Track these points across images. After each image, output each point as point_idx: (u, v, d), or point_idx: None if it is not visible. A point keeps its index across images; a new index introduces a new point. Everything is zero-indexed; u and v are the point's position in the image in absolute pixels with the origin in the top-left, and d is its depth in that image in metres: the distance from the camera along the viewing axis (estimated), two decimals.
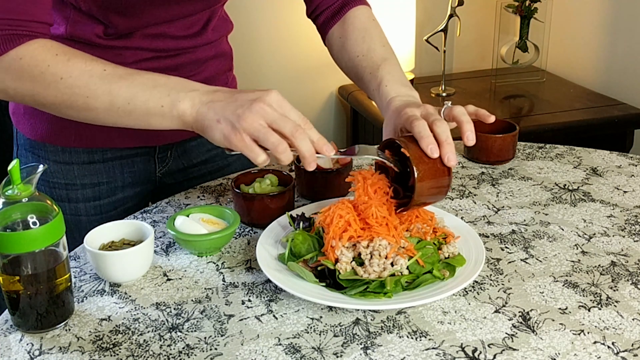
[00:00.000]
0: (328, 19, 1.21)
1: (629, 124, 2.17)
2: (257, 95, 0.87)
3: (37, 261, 0.82)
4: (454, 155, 0.92)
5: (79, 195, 1.21)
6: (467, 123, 0.97)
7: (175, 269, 0.98)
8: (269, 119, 0.85)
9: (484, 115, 1.01)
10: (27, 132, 1.20)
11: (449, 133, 0.93)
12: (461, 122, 0.97)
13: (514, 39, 2.45)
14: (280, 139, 0.85)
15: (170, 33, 1.12)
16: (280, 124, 0.85)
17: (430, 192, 0.93)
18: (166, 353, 0.81)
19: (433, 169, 0.91)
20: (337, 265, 0.89)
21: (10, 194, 0.80)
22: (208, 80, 1.22)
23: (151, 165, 1.26)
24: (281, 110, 0.87)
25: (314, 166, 0.88)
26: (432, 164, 0.91)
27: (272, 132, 0.85)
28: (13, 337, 0.85)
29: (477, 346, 0.81)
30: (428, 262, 0.91)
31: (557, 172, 1.28)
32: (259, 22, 2.42)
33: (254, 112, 0.85)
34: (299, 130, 0.85)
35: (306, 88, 2.56)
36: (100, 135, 1.17)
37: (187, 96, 0.89)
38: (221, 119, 0.86)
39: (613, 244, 1.03)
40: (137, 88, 0.91)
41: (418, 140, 0.92)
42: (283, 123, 0.85)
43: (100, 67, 0.92)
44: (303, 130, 0.86)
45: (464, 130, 0.97)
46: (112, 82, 0.91)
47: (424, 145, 0.91)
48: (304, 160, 0.87)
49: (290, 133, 0.85)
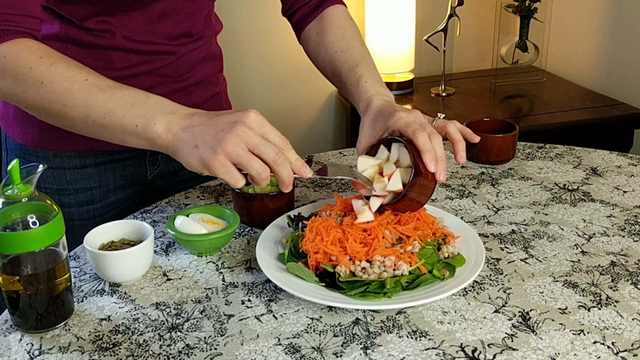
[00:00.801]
0: (304, 16, 1.21)
1: (629, 124, 2.17)
2: (235, 117, 0.85)
3: (37, 261, 0.82)
4: (445, 172, 0.95)
5: (72, 200, 1.20)
6: (460, 142, 1.01)
7: (175, 269, 0.98)
8: (251, 144, 0.83)
9: (470, 135, 1.04)
10: (17, 137, 1.19)
11: (443, 149, 0.96)
12: (455, 141, 1.01)
13: (514, 39, 2.45)
14: (263, 165, 0.84)
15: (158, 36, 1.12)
16: (262, 149, 0.84)
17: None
18: (166, 353, 0.81)
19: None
20: (336, 269, 0.89)
21: (10, 194, 0.80)
22: (198, 83, 1.22)
23: (142, 168, 1.25)
24: (261, 131, 0.85)
25: (291, 188, 0.88)
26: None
27: (255, 158, 0.83)
28: (13, 337, 0.85)
29: (476, 346, 0.81)
30: (428, 262, 0.91)
31: (557, 172, 1.28)
32: (258, 22, 2.42)
33: (235, 136, 0.83)
34: (281, 157, 0.84)
35: (306, 88, 2.56)
36: (92, 140, 1.15)
37: (162, 118, 0.87)
38: (199, 144, 0.84)
39: (613, 244, 1.03)
40: (115, 103, 0.89)
41: (421, 153, 0.94)
42: (265, 149, 0.84)
43: (83, 76, 0.90)
44: (284, 155, 0.85)
45: (458, 149, 1.00)
46: (90, 93, 0.89)
47: (426, 159, 0.93)
48: (282, 184, 0.86)
49: (272, 160, 0.84)
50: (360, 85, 1.08)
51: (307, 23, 1.21)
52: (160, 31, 1.12)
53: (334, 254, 0.90)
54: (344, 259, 0.89)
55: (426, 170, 0.94)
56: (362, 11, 2.40)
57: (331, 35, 1.17)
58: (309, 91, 2.57)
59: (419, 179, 0.93)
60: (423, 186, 0.94)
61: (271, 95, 2.52)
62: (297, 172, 0.87)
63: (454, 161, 1.32)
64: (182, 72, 1.18)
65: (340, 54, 1.14)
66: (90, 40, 1.08)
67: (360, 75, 1.09)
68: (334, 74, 1.16)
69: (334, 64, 1.15)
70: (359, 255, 0.90)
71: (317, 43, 1.19)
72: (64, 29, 1.07)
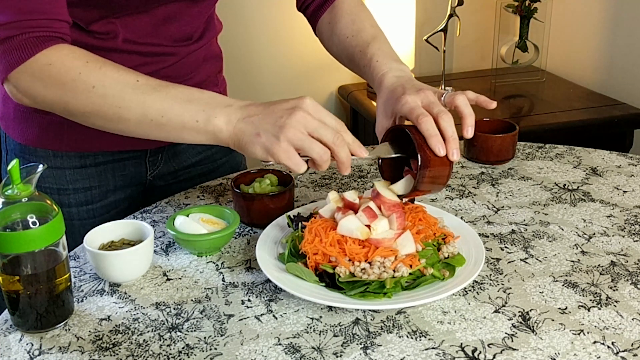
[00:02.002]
0: (317, 8, 1.21)
1: (629, 124, 2.17)
2: (292, 104, 0.87)
3: (37, 261, 0.82)
4: (458, 150, 0.93)
5: (71, 200, 1.20)
6: (469, 116, 0.97)
7: (175, 268, 0.98)
8: (310, 128, 0.85)
9: (485, 101, 1.00)
10: (17, 137, 1.19)
11: (454, 128, 0.93)
12: (464, 115, 0.97)
13: (514, 39, 2.45)
14: (324, 148, 0.86)
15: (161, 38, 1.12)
16: (321, 132, 0.86)
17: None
18: (166, 353, 0.81)
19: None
20: (336, 269, 0.89)
21: (10, 194, 0.80)
22: (200, 84, 1.22)
23: (142, 169, 1.25)
24: (318, 115, 0.87)
25: (350, 171, 0.89)
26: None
27: (315, 141, 0.85)
28: (13, 337, 0.85)
29: (476, 346, 0.81)
30: (428, 262, 0.91)
31: (557, 172, 1.28)
32: (258, 22, 2.42)
33: (295, 122, 0.85)
34: (339, 139, 0.86)
35: (306, 88, 2.56)
36: (92, 139, 1.16)
37: (222, 112, 0.89)
38: (261, 132, 0.86)
39: (613, 243, 1.03)
40: (172, 101, 0.90)
41: (426, 138, 0.92)
42: (324, 132, 0.86)
43: (133, 77, 0.91)
44: (342, 137, 0.87)
45: (466, 123, 0.97)
46: (145, 93, 0.90)
47: (432, 144, 0.92)
48: (342, 166, 0.88)
49: (331, 142, 0.86)
50: (372, 66, 1.07)
51: (321, 14, 1.21)
52: (164, 33, 1.12)
53: (332, 255, 0.90)
54: (343, 260, 0.89)
55: (434, 156, 0.92)
56: None
57: (342, 22, 1.17)
58: (309, 91, 2.57)
59: (426, 170, 0.92)
60: (433, 176, 0.93)
61: (271, 95, 2.52)
62: (355, 153, 0.89)
63: None
64: (183, 73, 1.18)
65: (351, 39, 1.14)
66: (92, 43, 1.07)
67: (372, 56, 1.08)
68: (349, 60, 1.15)
69: (347, 50, 1.14)
70: (358, 257, 0.90)
71: (330, 32, 1.19)
72: None
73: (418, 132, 0.93)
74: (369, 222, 0.91)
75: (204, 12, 1.17)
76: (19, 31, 0.90)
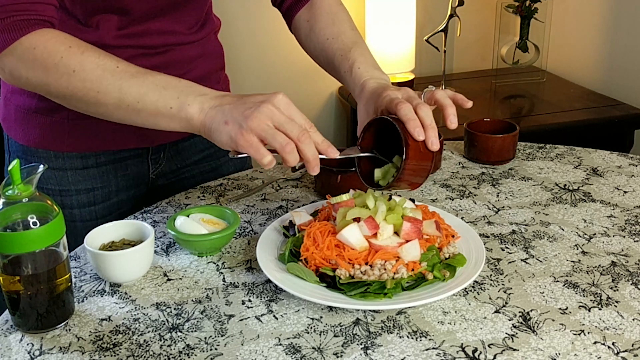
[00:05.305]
0: (293, 3, 1.21)
1: (629, 124, 2.17)
2: (264, 97, 0.88)
3: (38, 261, 0.82)
4: (437, 140, 0.93)
5: (74, 201, 1.21)
6: (449, 107, 0.98)
7: (176, 269, 0.98)
8: (276, 121, 0.86)
9: (462, 99, 1.01)
10: (19, 138, 1.19)
11: (432, 117, 0.94)
12: (444, 106, 0.98)
13: (514, 39, 2.45)
14: (287, 139, 0.86)
15: (155, 29, 1.12)
16: (287, 127, 0.86)
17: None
18: (166, 353, 0.81)
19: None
20: (336, 272, 0.89)
21: (11, 194, 0.80)
22: (199, 79, 1.21)
23: (144, 167, 1.25)
24: (288, 112, 0.87)
25: (318, 170, 0.88)
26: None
27: (279, 132, 0.86)
28: (13, 337, 0.85)
29: (477, 346, 0.81)
30: (429, 265, 0.91)
31: (557, 172, 1.28)
32: (258, 21, 2.42)
33: (261, 113, 0.86)
34: (305, 135, 0.86)
35: (306, 88, 2.56)
36: (94, 139, 1.16)
37: (195, 100, 0.90)
38: (229, 120, 0.87)
39: (613, 244, 1.03)
40: (148, 87, 0.91)
41: (405, 123, 0.92)
42: (290, 126, 0.86)
43: (114, 63, 0.93)
44: (308, 134, 0.87)
45: (447, 113, 0.97)
46: (123, 79, 0.91)
47: (410, 128, 0.92)
48: (308, 164, 0.88)
49: (296, 137, 0.86)
50: (353, 72, 1.08)
51: (297, 10, 1.20)
52: (158, 25, 1.12)
53: (332, 258, 0.90)
54: (343, 262, 0.89)
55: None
56: (363, 11, 2.40)
57: (322, 22, 1.16)
58: (310, 91, 2.57)
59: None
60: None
61: None
62: (324, 153, 0.89)
63: (454, 161, 1.32)
64: (179, 67, 1.17)
65: (332, 41, 1.14)
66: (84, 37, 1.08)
67: (353, 61, 1.08)
68: (327, 62, 1.15)
69: (326, 52, 1.14)
70: (358, 261, 0.89)
71: (308, 31, 1.18)
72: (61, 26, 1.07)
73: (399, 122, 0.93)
74: (370, 233, 0.91)
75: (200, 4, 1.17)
76: (4, 14, 0.92)
